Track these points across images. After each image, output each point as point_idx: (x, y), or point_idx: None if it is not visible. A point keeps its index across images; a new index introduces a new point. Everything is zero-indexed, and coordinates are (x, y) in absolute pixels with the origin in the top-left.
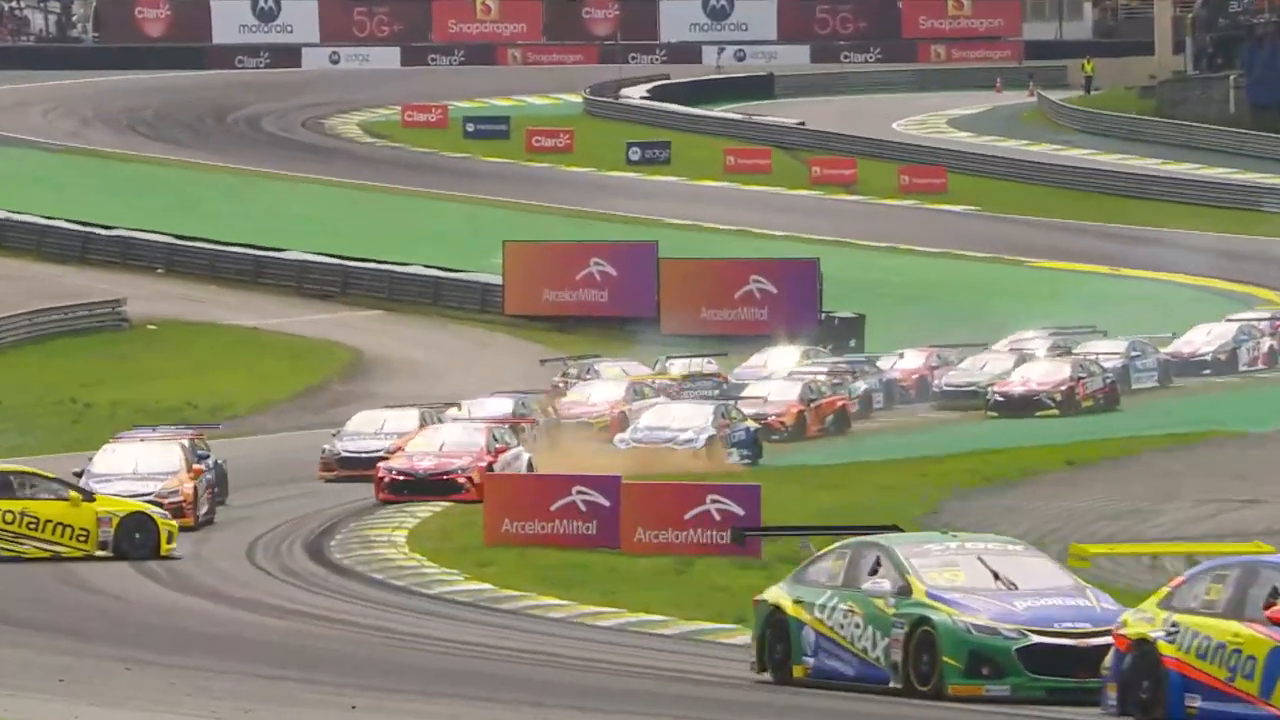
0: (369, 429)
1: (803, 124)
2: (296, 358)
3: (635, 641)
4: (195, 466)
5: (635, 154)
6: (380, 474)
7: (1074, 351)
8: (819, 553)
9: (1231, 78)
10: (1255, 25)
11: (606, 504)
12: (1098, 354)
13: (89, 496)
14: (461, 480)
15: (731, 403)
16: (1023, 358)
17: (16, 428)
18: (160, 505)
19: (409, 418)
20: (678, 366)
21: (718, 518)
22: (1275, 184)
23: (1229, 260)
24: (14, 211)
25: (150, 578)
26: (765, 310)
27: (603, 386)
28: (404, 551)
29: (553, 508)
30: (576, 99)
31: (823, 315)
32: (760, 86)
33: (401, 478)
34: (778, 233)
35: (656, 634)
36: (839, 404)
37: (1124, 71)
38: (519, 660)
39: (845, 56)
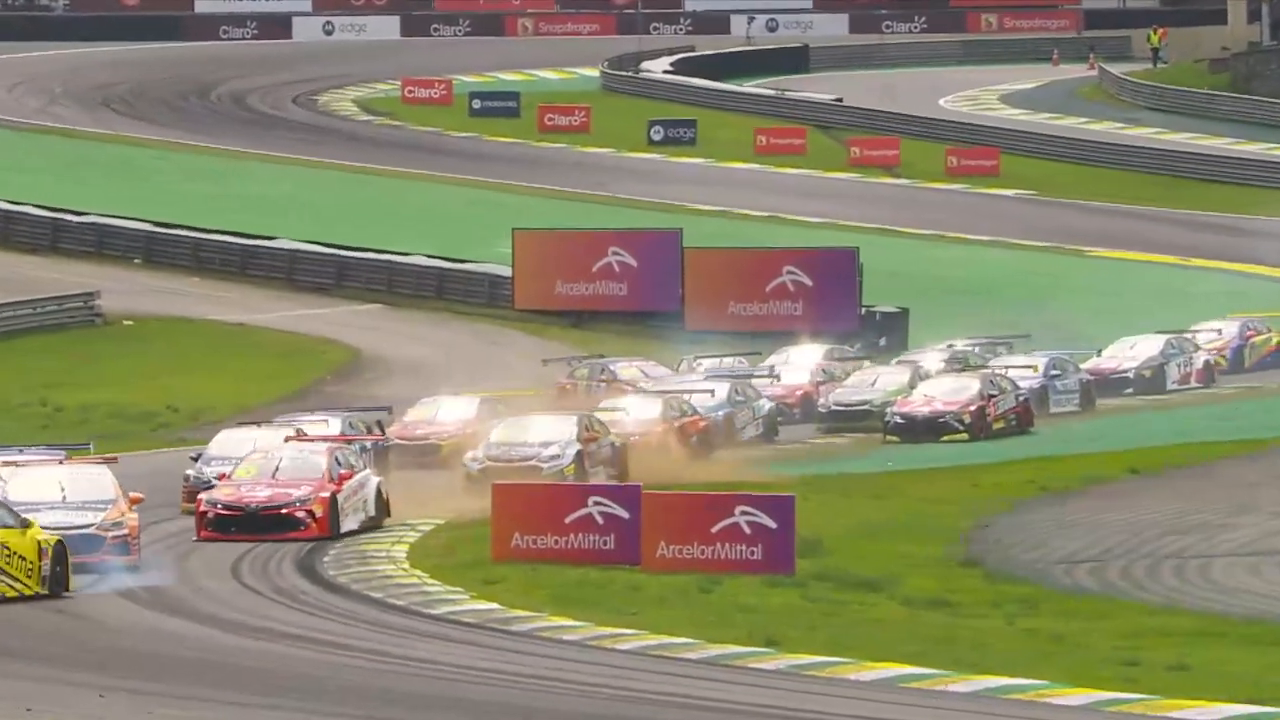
0: (237, 451)
1: (840, 100)
2: (287, 356)
3: (656, 666)
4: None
5: (658, 133)
6: (201, 508)
7: (986, 365)
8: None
9: None
10: None
11: (626, 516)
12: (1006, 368)
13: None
14: (300, 515)
15: (594, 415)
16: (917, 373)
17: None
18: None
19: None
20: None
21: (747, 531)
22: None
23: None
24: None
25: (128, 598)
26: (799, 304)
27: (452, 404)
28: (404, 568)
29: (567, 520)
30: (593, 73)
31: (863, 310)
32: (794, 59)
33: (227, 513)
34: (813, 220)
35: (680, 658)
36: (702, 424)
37: (1194, 43)
38: (528, 687)
39: (887, 26)
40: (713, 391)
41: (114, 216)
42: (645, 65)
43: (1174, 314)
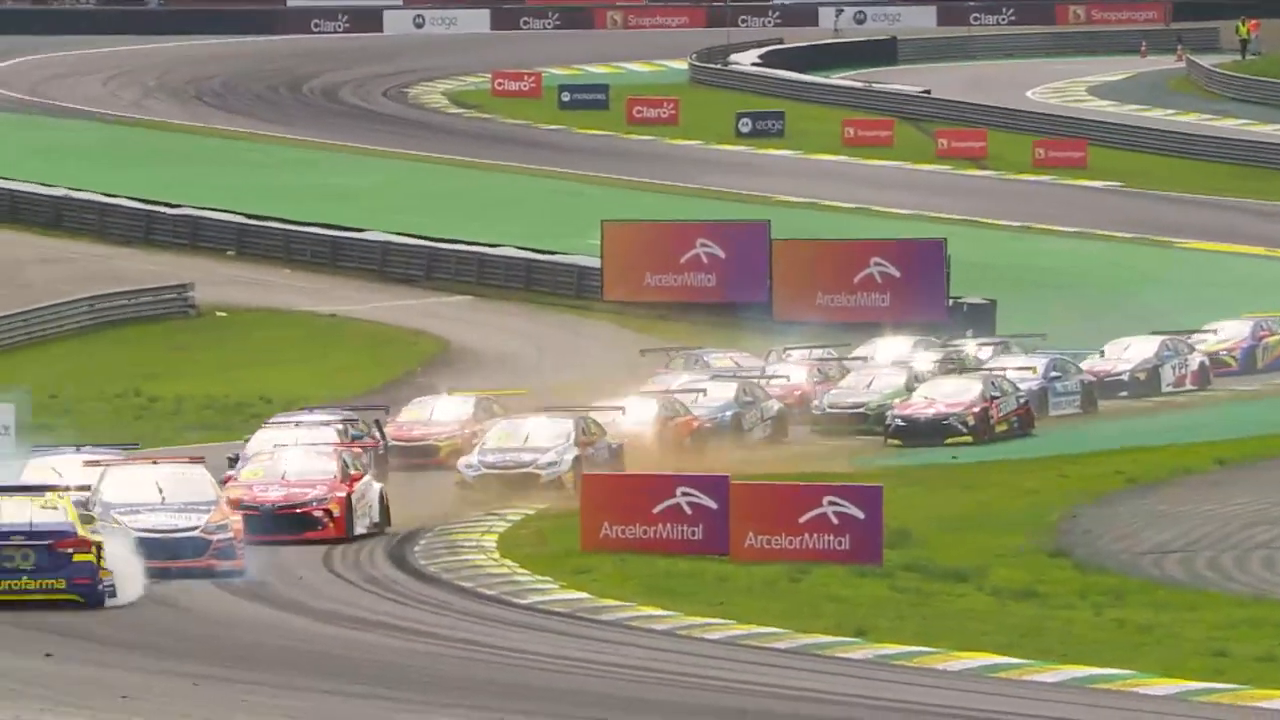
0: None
1: (928, 92)
2: (377, 348)
3: (745, 656)
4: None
5: (745, 126)
6: None
7: (982, 366)
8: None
9: None
10: None
11: (714, 506)
12: (1004, 370)
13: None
14: (318, 514)
15: (591, 417)
16: (913, 375)
17: (74, 423)
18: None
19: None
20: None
21: (835, 521)
22: None
23: None
24: (73, 189)
25: (225, 589)
26: (887, 295)
27: (447, 404)
28: (494, 558)
29: (655, 510)
30: (681, 66)
31: (950, 301)
32: (882, 51)
33: (243, 513)
34: (901, 211)
35: (769, 648)
36: (695, 425)
37: None
38: (618, 676)
39: (975, 18)
40: (704, 391)
41: (207, 209)
42: (733, 58)
43: (1262, 304)
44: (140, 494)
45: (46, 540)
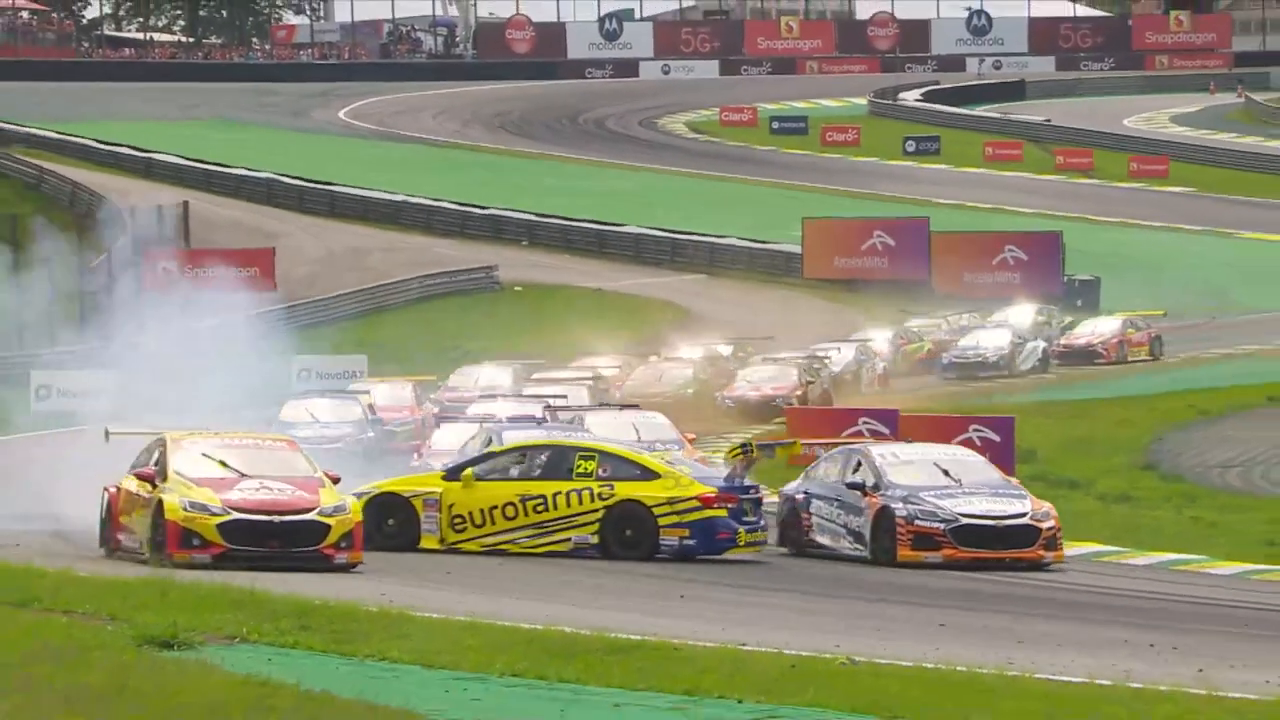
0: (298, 417)
1: (1049, 121)
2: (634, 313)
3: None
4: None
5: (911, 146)
6: None
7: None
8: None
9: None
10: None
11: (887, 432)
12: (822, 356)
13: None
14: None
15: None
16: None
17: (402, 370)
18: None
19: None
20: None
21: (978, 444)
22: None
23: None
24: (409, 195)
25: None
26: (1018, 275)
27: (489, 370)
28: None
29: (842, 436)
30: (862, 101)
31: (1065, 278)
32: (1014, 90)
33: None
34: (1028, 210)
35: None
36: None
37: None
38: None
39: (1084, 65)
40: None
41: (507, 209)
42: (902, 95)
43: None
44: (619, 435)
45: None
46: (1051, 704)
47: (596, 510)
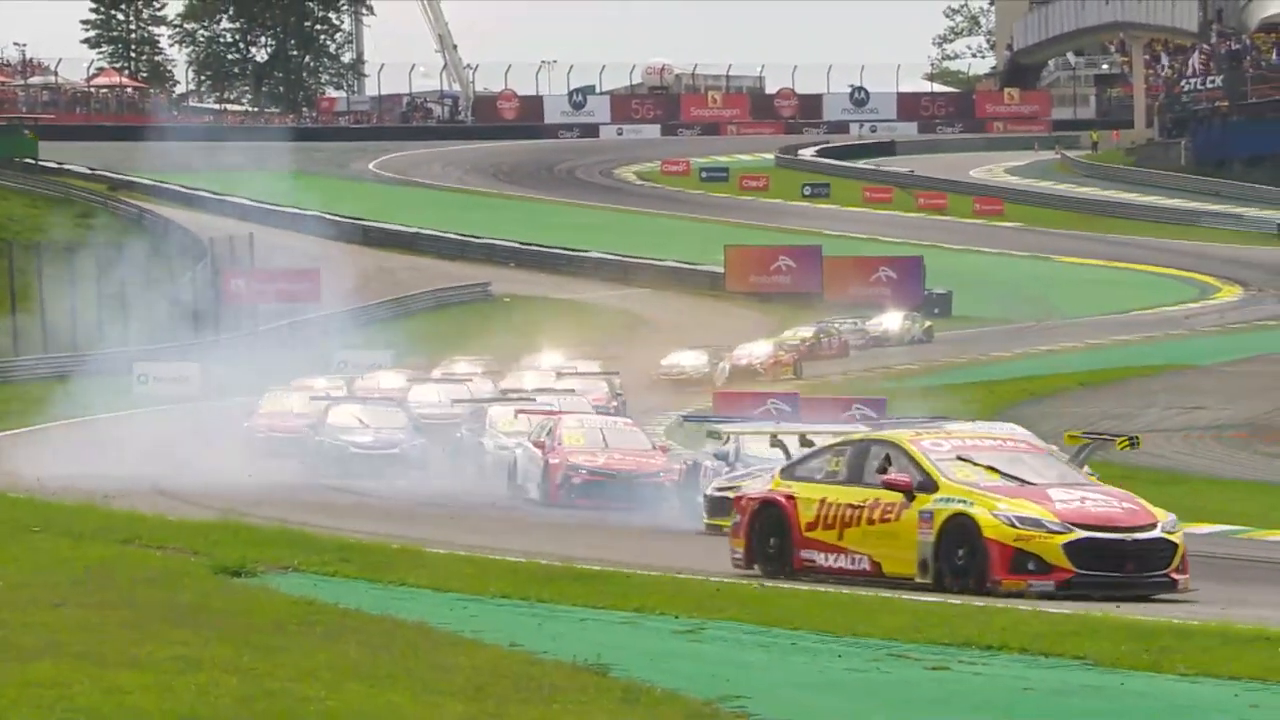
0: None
1: (912, 172)
2: (605, 318)
3: None
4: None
5: (807, 190)
6: (564, 472)
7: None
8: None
9: (1183, 142)
10: (1198, 110)
11: (788, 410)
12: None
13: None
14: (668, 484)
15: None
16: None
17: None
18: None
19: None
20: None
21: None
22: (1209, 209)
23: (1196, 259)
24: (423, 228)
25: None
26: (889, 289)
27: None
28: None
29: (756, 411)
30: (770, 156)
31: (925, 292)
32: (886, 148)
33: (595, 478)
34: (896, 240)
35: None
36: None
37: (1116, 138)
38: None
39: (940, 129)
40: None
41: (497, 238)
42: (801, 151)
43: (1108, 301)
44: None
45: None
46: (918, 618)
47: None
